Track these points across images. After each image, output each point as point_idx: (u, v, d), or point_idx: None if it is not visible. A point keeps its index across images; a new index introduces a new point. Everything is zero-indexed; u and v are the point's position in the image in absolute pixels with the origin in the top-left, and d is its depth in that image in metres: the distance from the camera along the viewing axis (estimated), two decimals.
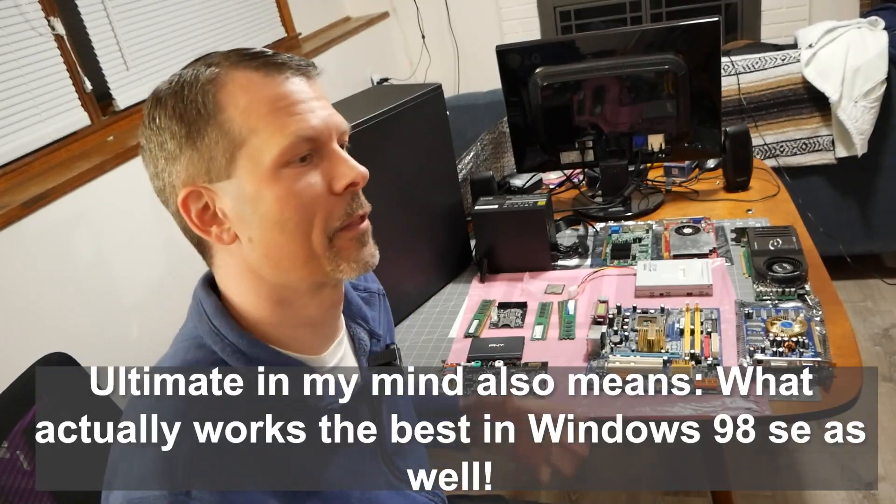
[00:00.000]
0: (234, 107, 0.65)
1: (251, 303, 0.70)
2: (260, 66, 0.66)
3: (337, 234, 0.68)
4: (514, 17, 3.82)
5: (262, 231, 0.66)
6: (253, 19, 2.99)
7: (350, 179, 0.68)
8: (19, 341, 1.65)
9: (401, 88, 1.41)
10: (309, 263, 0.68)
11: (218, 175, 0.65)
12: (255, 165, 0.65)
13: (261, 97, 0.65)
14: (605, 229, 1.60)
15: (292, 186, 0.65)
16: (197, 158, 0.65)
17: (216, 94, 0.65)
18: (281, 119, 0.65)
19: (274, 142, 0.64)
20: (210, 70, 0.66)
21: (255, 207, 0.65)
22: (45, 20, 1.96)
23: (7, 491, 0.94)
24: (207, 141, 0.65)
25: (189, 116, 0.65)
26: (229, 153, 0.65)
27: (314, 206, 0.66)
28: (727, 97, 2.31)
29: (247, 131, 0.64)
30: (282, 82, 0.66)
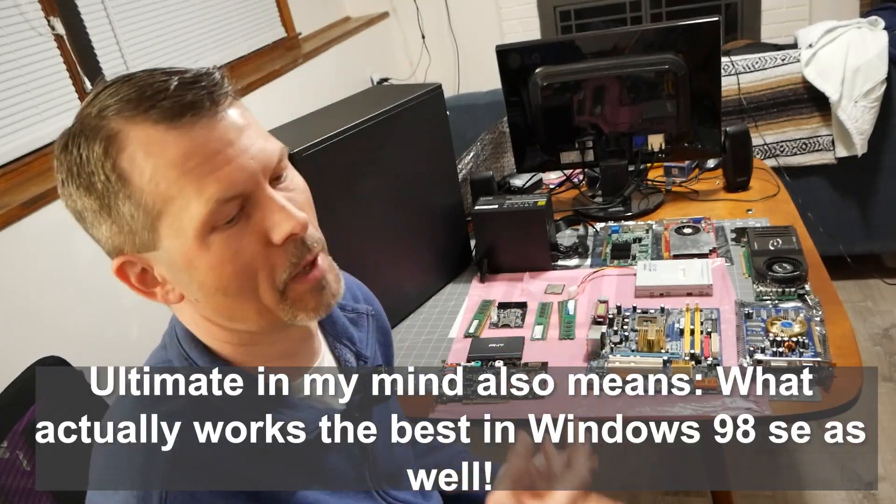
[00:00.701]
0: (139, 175, 0.57)
1: (217, 343, 0.67)
2: (158, 117, 0.56)
3: (288, 286, 0.63)
4: (514, 17, 3.82)
5: (205, 295, 0.61)
6: (253, 19, 2.99)
7: (288, 231, 0.60)
8: (19, 342, 1.65)
9: (401, 88, 1.41)
10: (262, 317, 0.63)
11: (144, 246, 0.60)
12: (178, 236, 0.58)
13: (165, 159, 0.56)
14: (605, 229, 1.60)
15: (225, 252, 0.59)
16: (117, 231, 0.59)
17: (116, 164, 0.57)
18: (194, 182, 0.57)
19: (192, 209, 0.57)
20: (104, 131, 0.57)
21: (191, 276, 0.60)
22: (45, 20, 1.96)
23: (7, 491, 0.94)
24: (122, 214, 0.58)
25: (95, 189, 0.58)
26: (149, 224, 0.58)
27: (254, 265, 0.60)
28: (727, 97, 2.31)
29: (161, 201, 0.57)
30: (187, 133, 0.57)
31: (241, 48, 2.88)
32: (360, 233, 1.27)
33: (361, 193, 1.26)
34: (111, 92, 0.59)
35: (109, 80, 0.61)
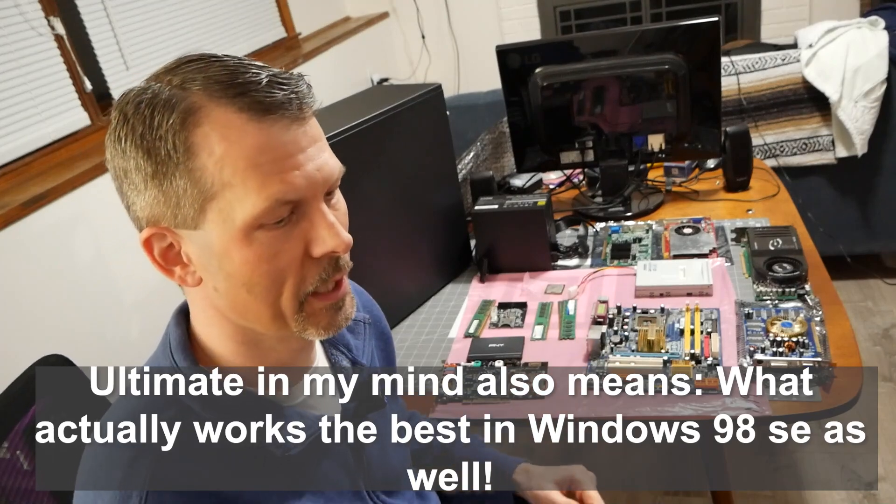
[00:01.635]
0: (208, 154, 0.57)
1: (215, 336, 0.67)
2: (244, 106, 0.57)
3: (308, 299, 0.63)
4: (514, 17, 3.82)
5: (228, 287, 0.61)
6: (253, 19, 2.99)
7: (331, 248, 0.61)
8: (19, 341, 1.65)
9: (401, 88, 1.41)
10: (275, 322, 0.63)
11: (184, 223, 0.59)
12: (224, 222, 0.58)
13: (239, 147, 0.57)
14: (605, 229, 1.60)
15: (265, 251, 0.59)
16: (163, 201, 0.59)
17: (189, 136, 0.57)
18: (260, 177, 0.57)
19: (249, 202, 0.57)
20: (186, 103, 0.57)
21: (221, 264, 0.60)
22: (45, 20, 1.96)
23: (7, 491, 0.94)
24: (175, 186, 0.58)
25: (157, 155, 0.57)
26: (198, 204, 0.58)
27: (287, 271, 0.61)
28: (727, 97, 2.31)
29: (220, 185, 0.57)
30: (267, 129, 0.57)
31: (241, 48, 2.88)
32: (360, 233, 1.26)
33: (361, 193, 1.26)
34: (199, 67, 0.59)
35: (195, 55, 0.61)
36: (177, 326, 0.68)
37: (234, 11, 2.85)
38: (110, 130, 0.61)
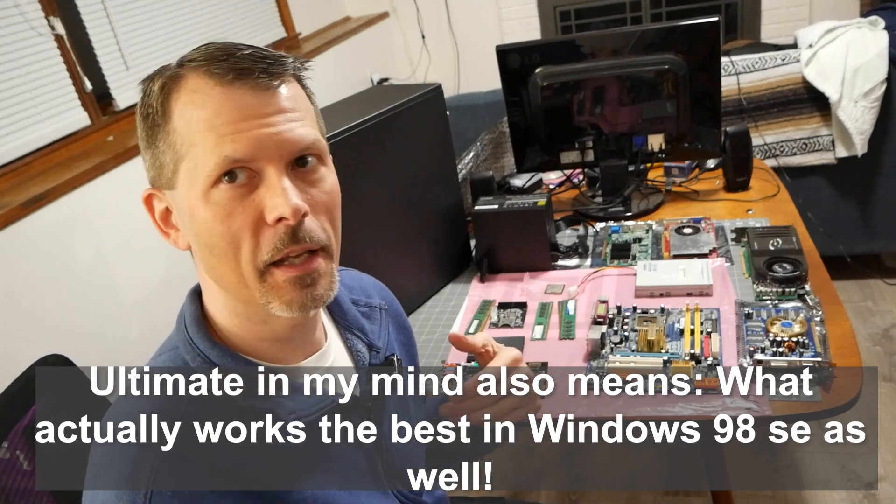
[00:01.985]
0: (179, 117, 0.62)
1: (217, 310, 0.69)
2: (216, 72, 0.61)
3: (269, 269, 0.63)
4: (514, 17, 3.82)
5: (198, 248, 0.65)
6: (253, 19, 2.99)
7: (278, 213, 0.61)
8: (19, 341, 1.65)
9: (401, 88, 1.41)
10: (241, 290, 0.64)
11: (167, 184, 0.65)
12: (190, 181, 0.62)
13: (203, 110, 0.61)
14: (605, 229, 1.60)
15: (220, 210, 0.61)
16: (153, 162, 0.65)
17: (167, 102, 0.63)
18: (215, 137, 0.61)
19: (206, 160, 0.61)
20: (171, 72, 0.64)
21: (191, 224, 0.64)
22: (45, 20, 1.96)
23: (7, 491, 0.94)
24: (160, 149, 0.64)
25: (148, 120, 0.64)
26: (174, 164, 0.63)
27: (240, 233, 0.62)
28: (727, 97, 2.31)
29: (187, 145, 0.62)
30: (230, 93, 0.61)
31: None
32: (361, 232, 1.27)
33: (361, 193, 1.26)
34: (206, 45, 0.65)
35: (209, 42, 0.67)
36: (191, 303, 0.70)
37: (234, 11, 2.85)
38: None
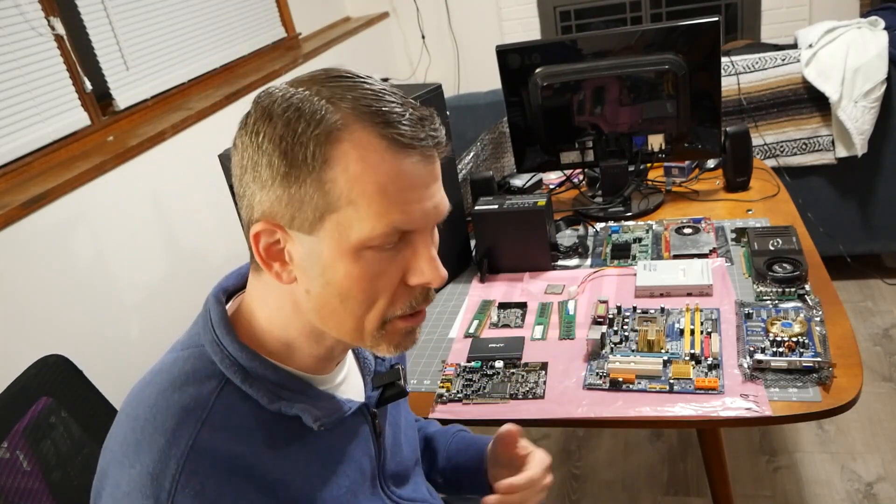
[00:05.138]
0: (342, 169, 0.59)
1: (279, 324, 0.68)
2: (387, 135, 0.60)
3: (391, 322, 0.66)
4: (514, 17, 3.83)
5: (322, 293, 0.64)
6: (253, 19, 2.99)
7: (427, 280, 0.65)
8: (19, 341, 1.65)
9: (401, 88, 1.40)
10: (352, 334, 0.66)
11: (300, 227, 0.62)
12: (339, 235, 0.61)
13: (374, 172, 0.60)
14: (605, 229, 1.60)
15: (368, 270, 0.62)
16: (286, 201, 0.61)
17: (329, 149, 0.59)
18: (385, 204, 0.60)
19: (368, 223, 0.60)
20: (334, 116, 0.60)
21: (323, 272, 0.63)
22: (45, 20, 1.96)
23: (7, 491, 0.94)
24: (303, 191, 0.60)
25: (293, 158, 0.60)
26: (320, 212, 0.61)
27: (382, 292, 0.64)
28: (727, 97, 2.31)
29: (346, 201, 0.60)
30: (402, 161, 0.61)
31: (241, 48, 2.88)
32: None
33: None
34: (347, 85, 0.62)
35: (341, 70, 0.65)
36: (217, 304, 0.70)
37: (234, 11, 2.86)
38: (248, 121, 0.63)
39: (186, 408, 0.62)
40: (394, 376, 0.80)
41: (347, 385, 0.76)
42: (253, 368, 0.66)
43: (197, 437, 0.60)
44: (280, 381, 0.67)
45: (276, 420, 0.66)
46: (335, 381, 0.74)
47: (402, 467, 0.84)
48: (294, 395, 0.67)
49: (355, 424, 0.74)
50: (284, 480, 0.65)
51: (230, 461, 0.61)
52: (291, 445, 0.67)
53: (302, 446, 0.67)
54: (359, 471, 0.74)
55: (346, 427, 0.73)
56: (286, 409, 0.66)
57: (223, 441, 0.62)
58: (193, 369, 0.66)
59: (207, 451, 0.60)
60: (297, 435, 0.67)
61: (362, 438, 0.75)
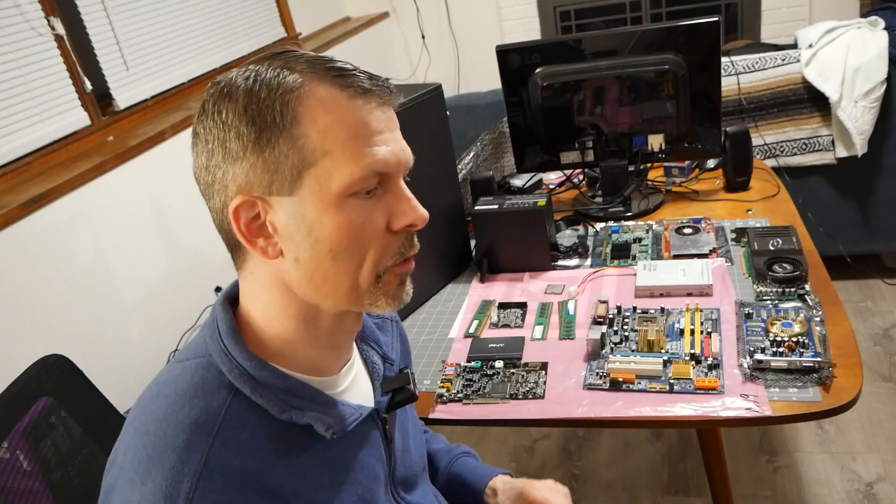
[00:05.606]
0: (311, 123, 0.61)
1: (274, 317, 0.68)
2: (346, 85, 0.63)
3: (385, 272, 0.67)
4: (514, 17, 3.83)
5: (313, 255, 0.64)
6: (253, 19, 2.99)
7: (410, 220, 0.66)
8: (19, 341, 1.65)
9: (401, 88, 1.40)
10: (349, 294, 0.66)
11: (279, 189, 0.62)
12: (321, 188, 0.62)
13: (342, 120, 0.62)
14: (605, 229, 1.60)
15: (354, 218, 0.63)
16: (261, 167, 0.62)
17: (295, 106, 0.61)
18: (358, 148, 0.62)
19: (346, 170, 0.62)
20: (293, 77, 0.62)
21: (310, 231, 0.63)
22: (45, 20, 1.96)
23: (7, 491, 0.94)
24: (276, 152, 0.61)
25: (262, 122, 0.61)
26: (297, 170, 0.61)
27: (371, 241, 0.65)
28: (727, 97, 2.31)
29: (320, 152, 0.61)
30: (365, 108, 0.63)
31: (241, 48, 2.88)
32: None
33: None
34: (296, 54, 0.65)
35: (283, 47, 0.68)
36: (224, 312, 0.69)
37: (234, 11, 2.86)
38: (206, 107, 0.64)
39: (197, 422, 0.61)
40: (403, 381, 0.80)
41: (356, 390, 0.75)
42: (263, 378, 0.65)
43: (209, 452, 0.60)
44: (290, 388, 0.66)
45: (287, 430, 0.65)
46: (343, 385, 0.73)
47: (410, 473, 0.83)
48: (305, 404, 0.66)
49: (366, 431, 0.74)
50: (296, 491, 0.64)
51: (242, 475, 0.60)
52: (303, 455, 0.66)
53: (313, 455, 0.67)
54: (372, 477, 0.73)
55: (357, 434, 0.71)
56: (297, 418, 0.65)
57: (235, 454, 0.61)
58: (203, 381, 0.64)
59: (220, 467, 0.59)
60: (308, 444, 0.66)
61: (374, 445, 0.74)
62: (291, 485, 0.64)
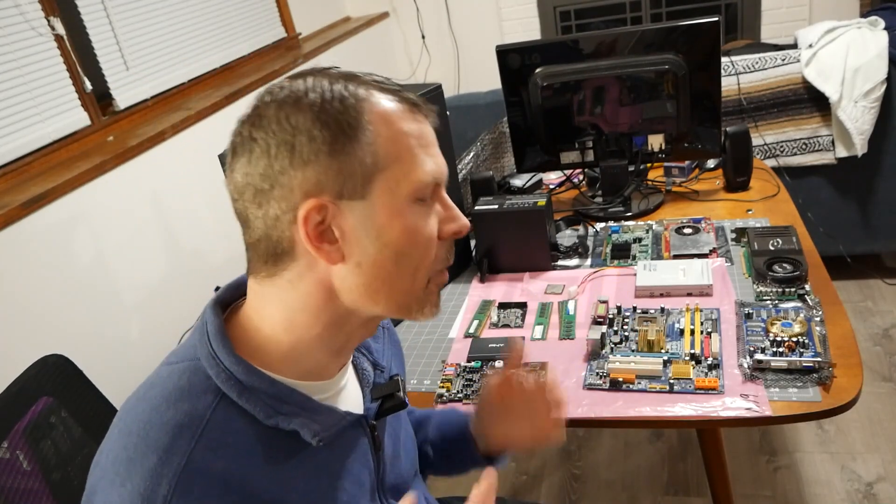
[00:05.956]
0: (382, 130, 0.64)
1: (302, 322, 0.67)
2: (402, 100, 0.67)
3: (432, 277, 0.70)
4: (514, 17, 3.83)
5: (377, 259, 0.65)
6: (253, 19, 2.99)
7: (457, 228, 0.70)
8: (19, 341, 1.65)
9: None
10: (402, 299, 0.68)
11: (351, 194, 0.63)
12: (392, 191, 0.64)
13: (407, 129, 0.65)
14: (605, 229, 1.60)
15: (418, 223, 0.66)
16: (335, 171, 0.62)
17: (368, 113, 0.64)
18: (420, 156, 0.66)
19: (413, 176, 0.65)
20: (357, 89, 0.65)
21: (379, 234, 0.64)
22: (45, 20, 1.96)
23: (7, 491, 0.94)
24: (350, 156, 0.62)
25: (337, 127, 0.62)
26: (369, 174, 0.63)
27: (429, 246, 0.68)
28: (727, 97, 2.31)
29: (391, 158, 0.64)
30: (418, 122, 0.67)
31: (241, 48, 2.88)
32: None
33: None
34: (339, 71, 0.67)
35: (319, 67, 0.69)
36: (215, 316, 0.68)
37: (234, 11, 2.86)
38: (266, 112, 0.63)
39: (180, 424, 0.61)
40: (392, 388, 0.79)
41: (346, 396, 0.75)
42: (250, 382, 0.64)
43: (190, 456, 0.59)
44: (277, 394, 0.65)
45: (273, 435, 0.64)
46: (335, 389, 0.72)
47: (400, 480, 0.83)
48: (292, 409, 0.65)
49: (354, 437, 0.73)
50: (280, 497, 0.63)
51: (225, 480, 0.60)
52: (288, 461, 0.65)
53: (299, 462, 0.66)
54: (357, 484, 0.72)
55: (344, 441, 0.71)
56: (284, 423, 0.64)
57: (218, 459, 0.60)
58: (189, 384, 0.64)
59: (201, 471, 0.59)
60: (295, 450, 0.66)
61: (361, 452, 0.74)
62: (275, 490, 0.63)
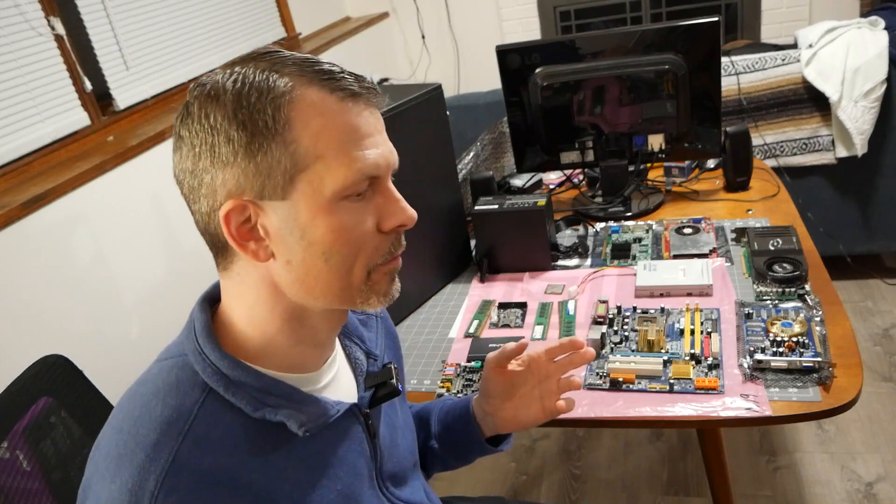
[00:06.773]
0: (303, 127, 0.61)
1: (259, 317, 0.67)
2: (335, 88, 0.63)
3: (375, 269, 0.68)
4: (514, 17, 3.83)
5: (305, 257, 0.64)
6: (253, 19, 2.99)
7: (400, 221, 0.68)
8: (19, 341, 1.65)
9: (401, 88, 1.40)
10: (341, 294, 0.67)
11: (272, 194, 0.62)
12: (314, 192, 0.62)
13: (333, 124, 0.62)
14: (605, 229, 1.60)
15: (346, 220, 0.64)
16: (253, 172, 0.61)
17: (287, 110, 0.61)
18: (349, 152, 0.63)
19: (339, 173, 0.62)
20: (282, 80, 0.62)
21: (303, 234, 0.63)
22: (45, 20, 1.96)
23: (7, 491, 0.94)
24: (269, 157, 0.61)
25: (253, 126, 0.61)
26: (289, 175, 0.61)
27: (363, 242, 0.65)
28: (727, 97, 2.31)
29: (313, 157, 0.62)
30: (355, 111, 0.64)
31: (241, 48, 2.88)
32: None
33: None
34: (281, 56, 0.64)
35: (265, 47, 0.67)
36: (202, 312, 0.69)
37: (234, 11, 2.86)
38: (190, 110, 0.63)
39: (168, 420, 0.61)
40: (386, 376, 0.79)
41: (338, 386, 0.75)
42: (235, 376, 0.65)
43: (178, 451, 0.60)
44: (264, 387, 0.66)
45: (262, 428, 0.65)
46: (324, 381, 0.73)
47: (399, 468, 0.83)
48: (278, 401, 0.66)
49: (346, 426, 0.73)
50: (272, 488, 0.64)
51: (214, 474, 0.60)
52: (277, 452, 0.66)
53: (288, 453, 0.66)
54: (353, 473, 0.73)
55: (335, 430, 0.71)
56: (270, 415, 0.65)
57: (206, 454, 0.61)
58: (177, 380, 0.64)
59: (188, 466, 0.59)
60: (283, 441, 0.66)
61: (355, 440, 0.74)
62: (267, 482, 0.64)
